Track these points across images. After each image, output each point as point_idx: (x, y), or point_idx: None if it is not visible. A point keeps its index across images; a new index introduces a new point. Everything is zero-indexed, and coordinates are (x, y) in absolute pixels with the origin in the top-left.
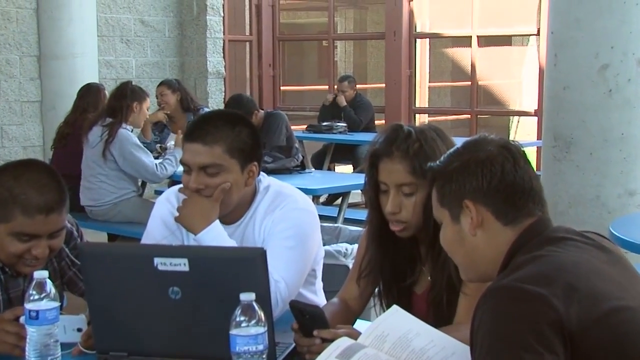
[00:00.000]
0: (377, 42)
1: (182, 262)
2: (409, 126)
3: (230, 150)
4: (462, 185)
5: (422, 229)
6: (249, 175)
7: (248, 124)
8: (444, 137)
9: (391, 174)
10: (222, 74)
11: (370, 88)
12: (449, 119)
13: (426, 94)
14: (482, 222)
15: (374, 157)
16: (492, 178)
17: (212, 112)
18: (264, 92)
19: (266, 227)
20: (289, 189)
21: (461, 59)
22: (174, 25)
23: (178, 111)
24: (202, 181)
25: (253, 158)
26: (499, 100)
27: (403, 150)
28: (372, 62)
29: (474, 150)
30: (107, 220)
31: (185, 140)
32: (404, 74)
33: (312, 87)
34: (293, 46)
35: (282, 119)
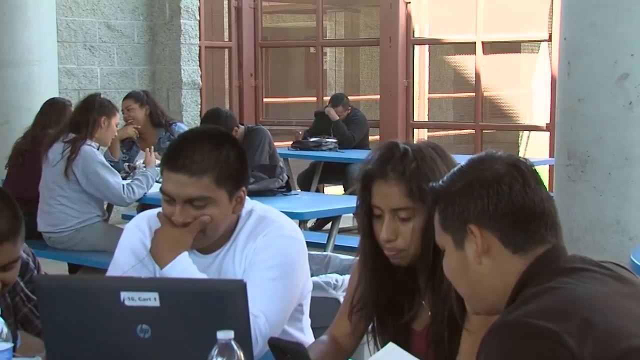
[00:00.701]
0: (371, 48)
1: (152, 297)
2: (405, 144)
3: (219, 179)
4: (466, 208)
5: (421, 257)
6: (236, 202)
7: (234, 143)
8: (444, 156)
9: (386, 198)
10: (197, 84)
11: (363, 100)
12: (451, 134)
13: (425, 106)
14: (488, 249)
15: (367, 179)
16: (499, 200)
17: (195, 133)
18: (245, 105)
19: (247, 255)
20: (274, 213)
21: (464, 68)
22: (143, 30)
23: (147, 127)
24: (189, 214)
25: (241, 183)
26: (507, 114)
27: (399, 172)
28: (365, 71)
29: (479, 169)
30: (68, 248)
31: (167, 169)
32: (401, 85)
33: (298, 99)
34: (277, 53)
35: (264, 135)
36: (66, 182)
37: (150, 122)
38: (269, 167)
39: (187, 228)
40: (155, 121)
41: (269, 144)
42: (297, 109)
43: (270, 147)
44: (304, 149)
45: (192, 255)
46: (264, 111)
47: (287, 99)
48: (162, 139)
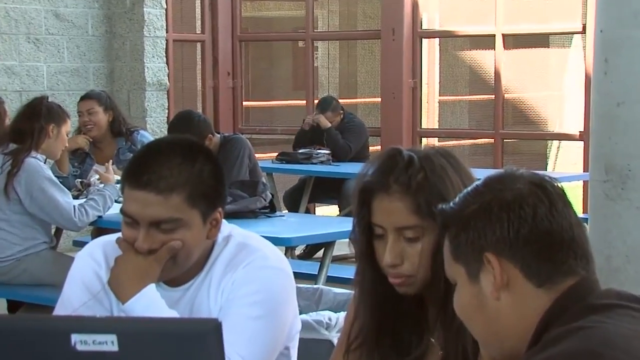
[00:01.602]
0: (371, 42)
1: (109, 340)
2: (409, 151)
3: (191, 198)
4: (482, 234)
5: (431, 285)
6: (212, 225)
7: (209, 156)
8: (456, 165)
9: (389, 215)
10: (164, 85)
11: (361, 103)
12: (465, 144)
13: (436, 111)
14: (507, 283)
15: (365, 193)
16: (521, 225)
17: (162, 143)
18: (221, 109)
19: (224, 290)
20: (255, 239)
21: (482, 65)
22: (99, 20)
23: (106, 135)
24: (155, 239)
25: (217, 203)
26: (533, 120)
27: (403, 183)
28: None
29: (497, 188)
30: (8, 281)
31: (129, 185)
32: (406, 85)
33: (284, 102)
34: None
35: (243, 146)
36: (6, 202)
37: (110, 130)
38: (249, 183)
39: (153, 256)
40: (116, 129)
41: (249, 156)
42: (283, 114)
43: (250, 159)
44: (291, 161)
45: (159, 288)
46: (243, 117)
47: (271, 103)
48: (122, 149)
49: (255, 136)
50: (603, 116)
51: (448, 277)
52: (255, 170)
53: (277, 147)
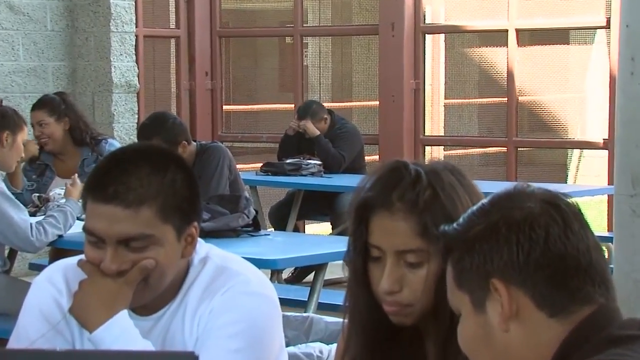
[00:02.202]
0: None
1: None
2: (415, 164)
3: (163, 211)
4: (488, 258)
5: (433, 317)
6: (187, 242)
7: (181, 164)
8: (465, 183)
9: (390, 236)
10: (134, 87)
11: (357, 107)
12: (474, 153)
13: (440, 115)
14: (517, 312)
15: (364, 209)
16: (532, 248)
17: (129, 151)
18: (198, 114)
19: (201, 319)
20: (237, 262)
21: (493, 64)
22: (60, 13)
23: (67, 145)
24: (125, 259)
25: (192, 217)
26: (551, 125)
27: (409, 201)
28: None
29: (506, 207)
30: None
31: (93, 199)
32: (408, 87)
33: (270, 106)
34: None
35: (222, 155)
36: None
37: (72, 139)
38: (230, 198)
39: (124, 278)
40: (78, 138)
41: (229, 167)
42: (269, 119)
43: (231, 171)
44: (277, 173)
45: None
46: (223, 122)
47: (255, 106)
48: (87, 160)
49: (237, 144)
50: (630, 122)
51: (451, 306)
52: (236, 183)
53: (262, 156)
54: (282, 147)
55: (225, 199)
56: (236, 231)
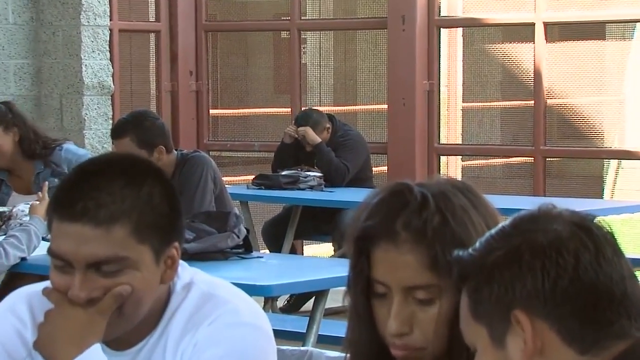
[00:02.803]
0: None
1: None
2: (420, 186)
3: (138, 230)
4: (509, 287)
5: (446, 359)
6: (166, 265)
7: (158, 176)
8: (478, 203)
9: (396, 271)
10: (108, 88)
11: (362, 112)
12: (497, 164)
13: (458, 121)
14: (542, 349)
15: (365, 240)
16: (559, 276)
17: (99, 162)
18: (182, 119)
19: (185, 354)
20: (225, 288)
21: (518, 63)
22: (23, 4)
23: (18, 159)
24: (96, 285)
25: (173, 236)
26: (584, 132)
27: (416, 230)
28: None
29: (529, 230)
30: None
31: (59, 217)
32: (420, 88)
33: (263, 110)
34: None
35: (205, 166)
36: None
37: (21, 151)
38: (216, 215)
39: (96, 307)
40: (27, 150)
41: (213, 180)
42: (262, 125)
43: (215, 184)
44: (272, 187)
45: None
46: (210, 129)
47: (247, 111)
48: (43, 174)
49: (225, 154)
50: None
51: (466, 341)
52: (222, 198)
53: (254, 167)
54: (277, 156)
55: (211, 217)
56: (224, 253)
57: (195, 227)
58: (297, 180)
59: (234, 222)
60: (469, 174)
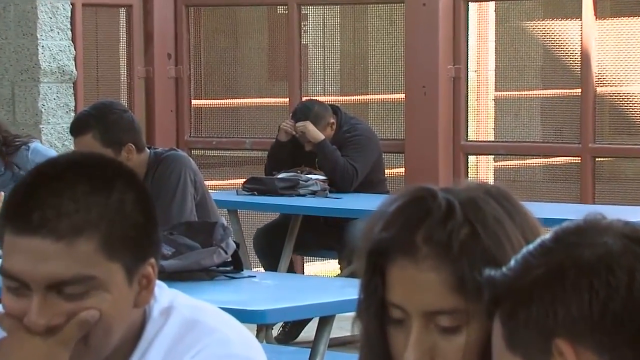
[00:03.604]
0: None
1: None
2: (446, 192)
3: (107, 244)
4: (551, 311)
5: None
6: (141, 286)
7: (132, 181)
8: (514, 212)
9: (416, 293)
10: (70, 74)
11: (374, 102)
12: (536, 165)
13: (490, 113)
14: None
15: (379, 255)
16: (610, 298)
17: (60, 163)
18: (157, 111)
19: None
20: (211, 314)
21: (562, 43)
22: None
23: None
24: (57, 310)
25: (148, 251)
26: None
27: (440, 244)
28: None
29: (574, 244)
30: None
31: (12, 230)
32: (444, 73)
33: (256, 100)
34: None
35: (183, 168)
36: None
37: None
38: (200, 226)
39: (57, 336)
40: None
41: (194, 183)
42: (254, 118)
43: (196, 188)
44: (266, 192)
45: None
46: (192, 123)
47: (236, 101)
48: (2, 178)
49: (211, 153)
50: None
51: None
52: (204, 206)
53: (245, 169)
54: (272, 156)
55: (194, 228)
56: (210, 272)
57: (174, 241)
58: (296, 185)
59: (220, 234)
60: (503, 177)
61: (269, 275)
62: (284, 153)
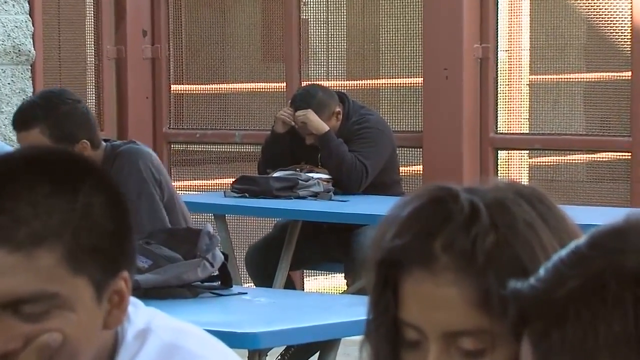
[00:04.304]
0: None
1: None
2: (470, 192)
3: (72, 256)
4: (590, 330)
5: None
6: (112, 304)
7: (101, 180)
8: (553, 219)
9: (433, 310)
10: (27, 54)
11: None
12: (580, 161)
13: (524, 101)
14: None
15: (390, 267)
16: None
17: (15, 159)
18: (131, 98)
19: None
20: (194, 338)
21: (608, 19)
22: None
23: None
24: (13, 333)
25: (120, 263)
26: None
27: (461, 253)
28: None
29: (614, 250)
30: None
31: None
32: (470, 55)
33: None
34: None
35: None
36: None
37: None
38: (183, 234)
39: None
40: None
41: (157, 182)
42: (245, 107)
43: (162, 188)
44: (259, 194)
45: None
46: (172, 112)
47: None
48: None
49: (193, 147)
50: None
51: None
52: (173, 210)
53: (234, 167)
54: (267, 151)
55: (175, 236)
56: (193, 288)
57: (151, 252)
58: (294, 185)
59: (206, 244)
60: (539, 177)
61: (263, 292)
62: (280, 148)
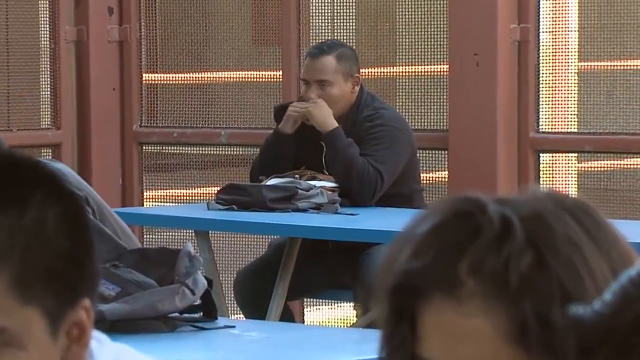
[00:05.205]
0: None
1: None
2: (501, 205)
3: (21, 282)
4: None
5: None
6: (70, 339)
7: (55, 189)
8: (603, 236)
9: (458, 343)
10: None
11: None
12: (637, 167)
13: (571, 94)
14: None
15: (407, 294)
16: None
17: None
18: (94, 89)
19: None
20: None
21: None
22: None
23: None
24: None
25: (79, 289)
26: None
27: (491, 276)
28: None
29: None
30: None
31: None
32: (505, 38)
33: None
34: None
35: None
36: None
37: None
38: (157, 255)
39: None
40: None
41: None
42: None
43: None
44: (250, 206)
45: None
46: (144, 107)
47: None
48: None
49: (170, 149)
50: None
51: None
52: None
53: (219, 173)
54: (267, 155)
55: (149, 257)
56: (170, 320)
57: (119, 276)
58: (293, 195)
59: (185, 266)
60: (589, 185)
61: (254, 325)
62: (285, 150)
